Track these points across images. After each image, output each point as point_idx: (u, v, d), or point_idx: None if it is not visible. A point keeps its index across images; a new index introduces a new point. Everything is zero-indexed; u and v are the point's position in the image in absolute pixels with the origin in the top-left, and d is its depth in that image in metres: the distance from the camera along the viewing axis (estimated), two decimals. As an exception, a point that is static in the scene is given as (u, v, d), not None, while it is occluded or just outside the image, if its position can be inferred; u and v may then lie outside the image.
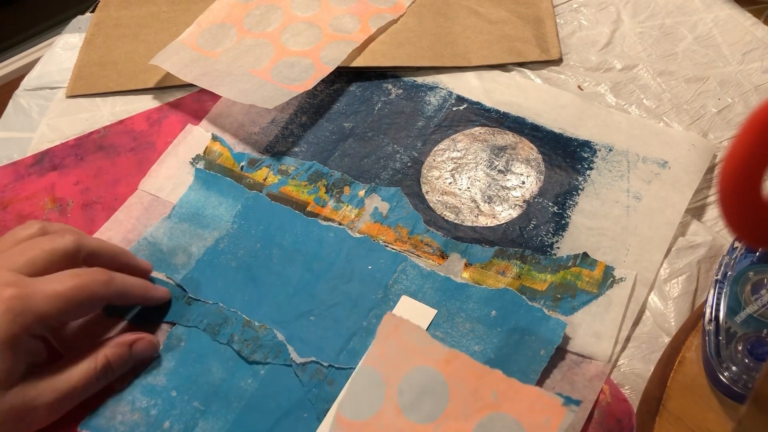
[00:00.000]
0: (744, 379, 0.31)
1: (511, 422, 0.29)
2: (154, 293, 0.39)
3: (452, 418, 0.29)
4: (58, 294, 0.33)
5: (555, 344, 0.37)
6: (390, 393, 0.30)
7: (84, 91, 0.54)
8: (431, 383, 0.30)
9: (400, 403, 0.30)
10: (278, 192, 0.46)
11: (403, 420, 0.30)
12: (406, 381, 0.31)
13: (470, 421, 0.29)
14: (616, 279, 0.40)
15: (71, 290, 0.33)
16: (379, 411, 0.30)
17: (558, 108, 0.48)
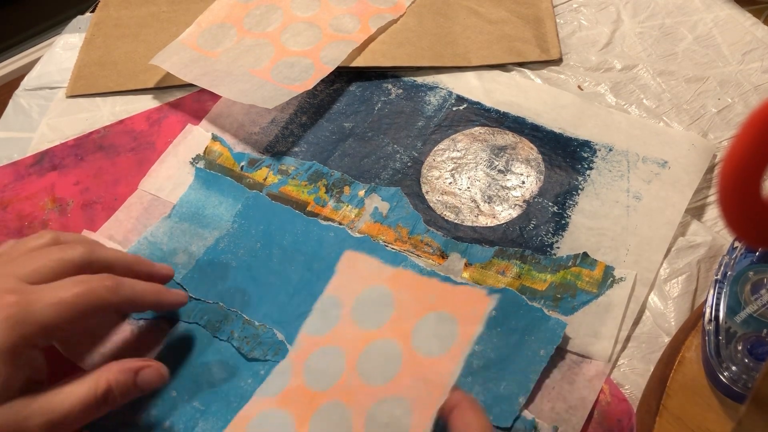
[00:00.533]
0: (744, 379, 0.31)
1: (446, 316, 0.33)
2: (168, 298, 0.37)
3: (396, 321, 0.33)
4: (62, 301, 0.31)
5: (555, 344, 0.37)
6: (345, 311, 0.35)
7: (84, 91, 0.55)
8: (379, 297, 0.34)
9: (353, 317, 0.34)
10: (278, 192, 0.46)
11: (357, 329, 0.34)
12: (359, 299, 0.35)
13: (412, 320, 0.33)
14: (616, 279, 0.40)
15: (75, 297, 0.31)
16: (336, 326, 0.34)
17: (558, 108, 0.48)
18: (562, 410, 0.35)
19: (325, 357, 0.33)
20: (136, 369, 0.33)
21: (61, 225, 0.46)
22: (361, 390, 0.31)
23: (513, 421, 0.35)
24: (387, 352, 0.33)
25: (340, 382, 0.32)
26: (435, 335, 0.33)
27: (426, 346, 0.32)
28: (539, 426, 0.35)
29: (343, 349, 0.33)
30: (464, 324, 0.33)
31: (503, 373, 0.36)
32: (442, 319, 0.33)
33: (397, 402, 0.31)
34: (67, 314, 0.31)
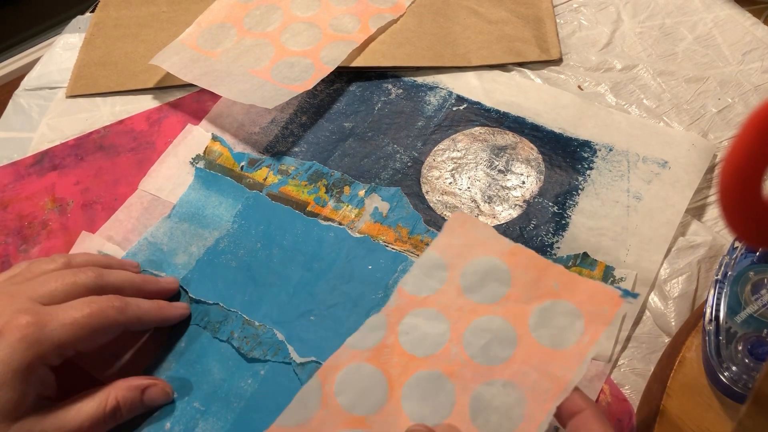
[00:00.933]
0: (744, 379, 0.31)
1: (570, 309, 0.30)
2: (171, 313, 0.39)
3: (513, 301, 0.30)
4: (74, 321, 0.32)
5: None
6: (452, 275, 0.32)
7: (84, 91, 0.54)
8: (494, 270, 0.31)
9: (462, 284, 0.31)
10: (278, 192, 0.46)
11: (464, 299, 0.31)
12: (470, 267, 0.32)
13: (531, 304, 0.30)
14: (616, 279, 0.40)
15: (87, 317, 0.33)
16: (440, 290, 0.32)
17: (558, 108, 0.48)
18: (563, 410, 0.35)
19: (426, 320, 0.31)
20: (143, 387, 0.35)
21: (61, 225, 0.46)
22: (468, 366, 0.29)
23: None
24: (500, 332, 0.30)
25: (443, 352, 0.30)
26: (556, 326, 0.30)
27: (547, 336, 0.30)
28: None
29: (447, 317, 0.31)
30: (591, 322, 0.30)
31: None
32: (566, 312, 0.30)
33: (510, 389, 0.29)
34: (80, 333, 0.32)
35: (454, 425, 0.28)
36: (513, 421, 0.28)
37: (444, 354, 0.30)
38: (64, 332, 0.32)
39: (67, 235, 0.46)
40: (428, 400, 0.29)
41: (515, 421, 0.28)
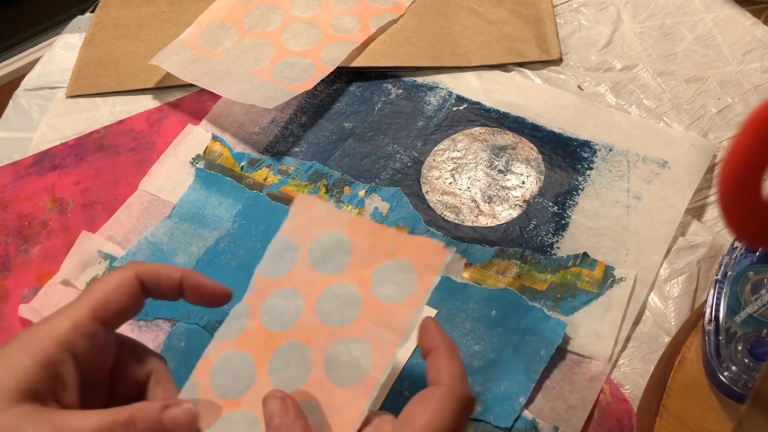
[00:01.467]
0: (744, 379, 0.31)
1: (404, 265, 0.34)
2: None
3: (355, 267, 0.34)
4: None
5: (555, 344, 0.37)
6: (302, 254, 0.35)
7: (84, 91, 0.55)
8: (337, 243, 0.35)
9: (310, 260, 0.35)
10: (278, 192, 0.46)
11: (314, 273, 0.35)
12: (316, 243, 0.35)
13: (371, 267, 0.34)
14: (616, 279, 0.40)
15: None
16: (292, 269, 0.35)
17: (558, 108, 0.48)
18: (563, 410, 0.35)
19: (283, 299, 0.34)
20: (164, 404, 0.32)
21: (61, 225, 0.46)
22: (321, 330, 0.33)
23: (513, 421, 0.35)
24: (345, 296, 0.34)
25: (299, 323, 0.33)
26: (393, 282, 0.34)
27: (385, 293, 0.34)
28: (539, 426, 0.35)
29: (300, 292, 0.35)
30: (422, 273, 0.34)
31: (504, 373, 0.36)
32: (400, 268, 0.34)
33: (356, 344, 0.32)
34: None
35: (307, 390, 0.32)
36: (362, 369, 0.32)
37: (300, 325, 0.33)
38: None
39: (67, 235, 0.46)
40: (289, 367, 0.33)
41: (363, 369, 0.32)
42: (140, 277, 0.32)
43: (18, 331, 0.42)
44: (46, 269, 0.44)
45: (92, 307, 0.31)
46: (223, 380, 0.33)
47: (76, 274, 0.43)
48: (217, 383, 0.33)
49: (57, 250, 0.45)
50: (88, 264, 0.43)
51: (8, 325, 0.42)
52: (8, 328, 0.42)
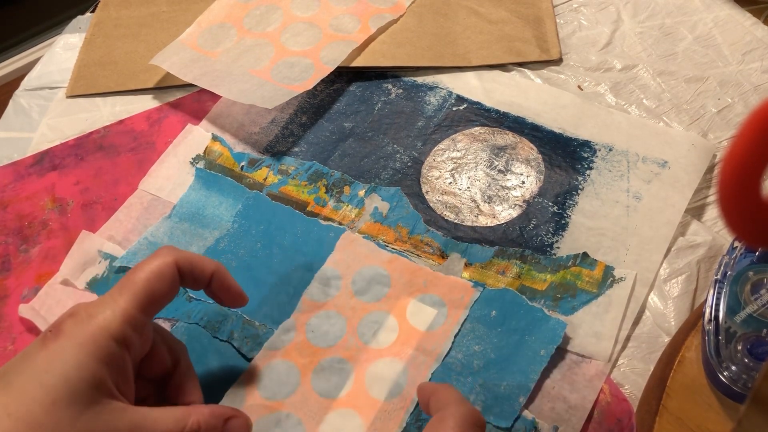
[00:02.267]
0: (744, 379, 0.31)
1: (436, 299, 0.39)
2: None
3: (393, 298, 0.40)
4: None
5: (555, 344, 0.37)
6: (345, 283, 0.41)
7: (84, 91, 0.55)
8: (377, 275, 0.41)
9: (353, 289, 0.40)
10: (278, 192, 0.46)
11: (356, 300, 0.40)
12: (358, 274, 0.41)
13: (407, 299, 0.39)
14: (616, 279, 0.40)
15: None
16: (337, 295, 0.40)
17: (558, 108, 0.48)
18: (562, 410, 0.35)
19: (327, 320, 0.39)
20: (226, 416, 0.33)
21: (61, 225, 0.46)
22: (362, 350, 0.38)
23: (513, 421, 0.35)
24: (384, 322, 0.39)
25: (342, 342, 0.38)
26: (427, 314, 0.39)
27: (419, 322, 0.39)
28: (539, 426, 0.35)
29: (343, 315, 0.39)
30: (452, 307, 0.39)
31: (503, 373, 0.36)
32: (433, 302, 0.39)
33: (395, 363, 0.37)
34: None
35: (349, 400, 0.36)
36: (400, 386, 0.36)
37: (342, 343, 0.38)
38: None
39: (67, 235, 0.46)
40: (332, 378, 0.37)
41: (401, 386, 0.36)
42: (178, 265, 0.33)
43: (17, 331, 0.42)
44: (46, 269, 0.44)
45: (137, 298, 0.31)
46: (269, 384, 0.37)
47: (76, 274, 0.43)
48: (264, 386, 0.37)
49: (57, 250, 0.45)
50: (88, 264, 0.43)
51: (8, 325, 0.42)
52: (8, 327, 0.42)
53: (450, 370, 0.37)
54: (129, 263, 0.43)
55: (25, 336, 0.42)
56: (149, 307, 0.32)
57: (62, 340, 0.29)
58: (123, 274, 0.42)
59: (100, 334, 0.30)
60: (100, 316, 0.30)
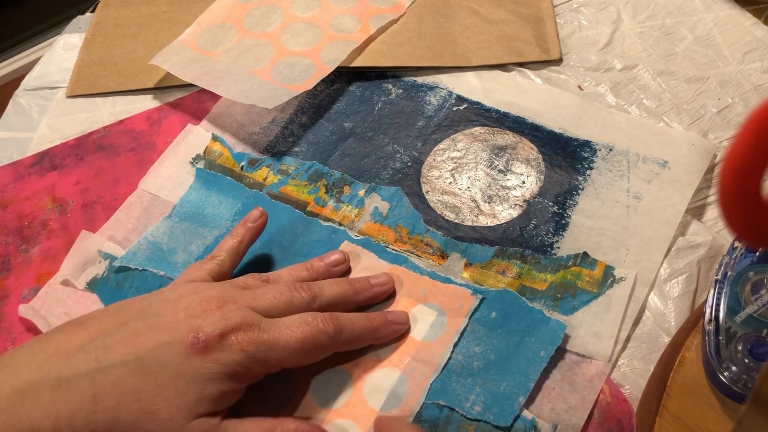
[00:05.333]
0: (744, 379, 0.31)
1: (436, 308, 0.39)
2: (384, 333, 0.38)
3: (392, 307, 0.40)
4: (287, 345, 0.34)
5: (555, 345, 0.37)
6: None
7: (84, 91, 0.55)
8: None
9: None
10: (278, 192, 0.46)
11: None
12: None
13: (407, 309, 0.39)
14: (616, 278, 0.40)
15: (300, 342, 0.34)
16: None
17: (558, 108, 0.48)
18: (562, 410, 0.35)
19: None
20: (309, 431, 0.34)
21: (61, 225, 0.46)
22: (361, 360, 0.38)
23: (513, 421, 0.35)
24: None
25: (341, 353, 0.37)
26: (427, 323, 0.39)
27: (419, 331, 0.38)
28: (539, 426, 0.35)
29: None
30: (452, 316, 0.39)
31: (503, 374, 0.36)
32: (433, 311, 0.39)
33: (394, 374, 0.37)
34: (289, 356, 0.34)
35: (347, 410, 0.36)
36: (399, 397, 0.36)
37: (341, 354, 0.37)
38: (277, 355, 0.33)
39: (67, 235, 0.46)
40: (330, 389, 0.37)
41: (401, 396, 0.36)
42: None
43: (17, 330, 0.42)
44: (46, 269, 0.44)
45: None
46: (268, 395, 0.37)
47: (76, 274, 0.43)
48: (263, 397, 0.37)
49: (57, 250, 0.45)
50: (88, 264, 0.43)
51: (8, 325, 0.42)
52: (8, 327, 0.42)
53: (450, 371, 0.37)
54: (129, 263, 0.43)
55: (25, 336, 0.42)
56: None
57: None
58: (123, 274, 0.42)
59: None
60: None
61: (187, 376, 0.32)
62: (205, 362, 0.32)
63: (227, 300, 0.34)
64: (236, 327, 0.33)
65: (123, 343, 0.32)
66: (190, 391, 0.31)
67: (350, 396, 0.36)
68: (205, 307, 0.34)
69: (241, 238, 0.41)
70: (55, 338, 0.33)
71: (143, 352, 0.32)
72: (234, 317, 0.33)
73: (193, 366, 0.32)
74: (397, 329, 0.38)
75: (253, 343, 0.33)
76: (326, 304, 0.37)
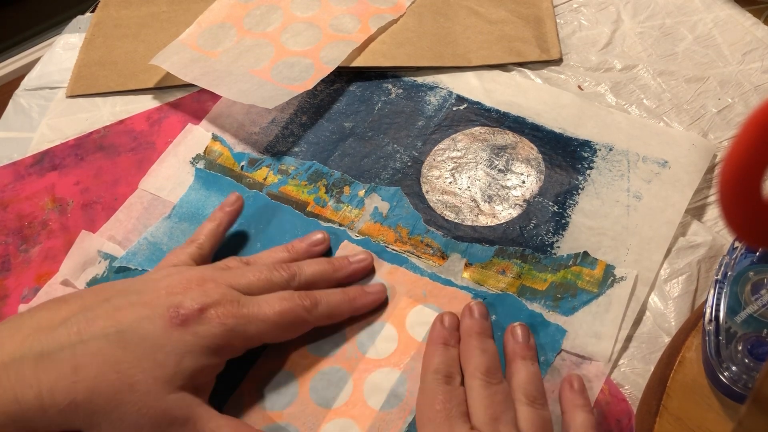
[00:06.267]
0: (744, 379, 0.31)
1: (436, 309, 0.39)
2: (362, 304, 0.39)
3: (392, 308, 0.40)
4: (266, 318, 0.35)
5: (555, 352, 0.37)
6: None
7: (84, 91, 0.54)
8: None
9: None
10: (278, 192, 0.46)
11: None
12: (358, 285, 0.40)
13: (406, 309, 0.39)
14: (616, 278, 0.40)
15: (278, 315, 0.35)
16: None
17: (558, 108, 0.48)
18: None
19: (326, 329, 0.39)
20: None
21: (61, 225, 0.46)
22: (361, 360, 0.38)
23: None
24: (384, 332, 0.39)
25: (341, 351, 0.38)
26: (427, 323, 0.39)
27: (419, 331, 0.38)
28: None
29: (344, 324, 0.39)
30: None
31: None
32: (433, 311, 0.39)
33: (394, 373, 0.37)
34: (268, 330, 0.35)
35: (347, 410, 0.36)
36: (399, 396, 0.36)
37: (342, 353, 0.38)
38: (256, 328, 0.35)
39: (67, 235, 0.46)
40: (330, 388, 0.37)
41: (400, 396, 0.36)
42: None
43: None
44: (46, 269, 0.44)
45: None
46: (268, 394, 0.37)
47: (76, 274, 0.43)
48: (263, 396, 0.37)
49: (57, 250, 0.45)
50: (88, 264, 0.43)
51: (8, 325, 0.42)
52: (8, 328, 0.42)
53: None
54: (129, 263, 0.43)
55: (25, 336, 0.42)
56: None
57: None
58: (123, 274, 0.42)
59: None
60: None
61: (166, 348, 0.32)
62: (185, 335, 0.33)
63: (207, 279, 0.36)
64: (215, 302, 0.34)
65: (104, 317, 0.33)
66: (169, 364, 0.32)
67: (350, 395, 0.37)
68: (186, 286, 0.35)
69: (219, 221, 0.42)
70: (38, 314, 0.34)
71: (124, 326, 0.33)
72: (214, 293, 0.34)
73: (172, 339, 0.33)
74: (374, 298, 0.39)
75: (233, 316, 0.34)
76: (305, 282, 0.38)
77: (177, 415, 0.32)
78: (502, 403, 0.33)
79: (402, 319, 0.39)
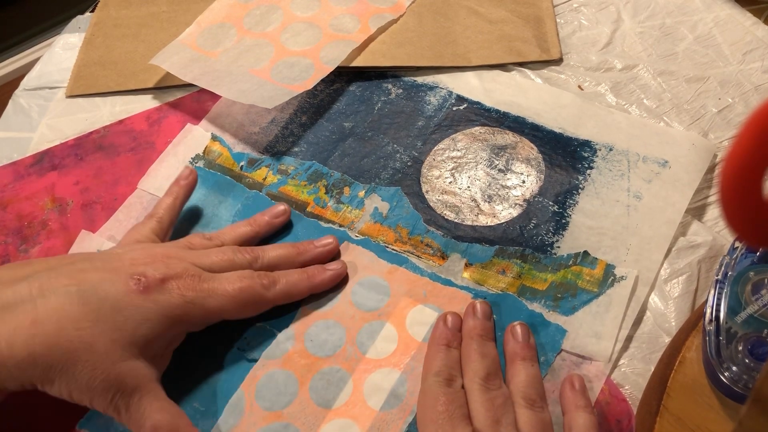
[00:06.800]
0: (744, 379, 0.31)
1: (436, 309, 0.39)
2: (320, 281, 0.40)
3: (392, 308, 0.40)
4: (225, 293, 0.36)
5: (555, 352, 0.37)
6: (345, 293, 0.41)
7: (84, 91, 0.54)
8: (376, 286, 0.41)
9: (352, 299, 0.40)
10: (278, 192, 0.46)
11: (355, 309, 0.40)
12: (358, 285, 0.41)
13: (406, 309, 0.39)
14: (617, 277, 0.40)
15: (237, 291, 0.36)
16: (335, 305, 0.40)
17: (558, 108, 0.48)
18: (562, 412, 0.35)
19: (326, 329, 0.39)
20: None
21: (60, 225, 0.46)
22: (361, 360, 0.38)
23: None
24: (384, 332, 0.39)
25: (341, 351, 0.38)
26: (427, 323, 0.39)
27: (419, 332, 0.38)
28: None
29: (343, 325, 0.39)
30: None
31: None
32: (433, 312, 0.39)
33: (394, 373, 0.37)
34: (227, 305, 0.36)
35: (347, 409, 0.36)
36: (399, 397, 0.36)
37: (342, 353, 0.38)
38: (215, 302, 0.36)
39: (67, 235, 0.46)
40: (330, 388, 0.37)
41: (401, 396, 0.36)
42: None
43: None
44: (45, 269, 0.44)
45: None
46: (268, 395, 0.37)
47: (75, 274, 0.43)
48: (263, 396, 0.37)
49: (57, 250, 0.45)
50: (87, 264, 0.43)
51: (8, 325, 0.42)
52: (8, 328, 0.42)
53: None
54: (129, 263, 0.43)
55: (24, 336, 0.41)
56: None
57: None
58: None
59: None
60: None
61: (126, 312, 0.33)
62: (145, 302, 0.34)
63: (172, 255, 0.37)
64: (177, 275, 0.35)
65: (67, 275, 0.34)
66: (127, 328, 0.33)
67: (350, 396, 0.37)
68: (151, 259, 0.36)
69: (176, 195, 0.43)
70: (1, 272, 0.34)
71: (86, 286, 0.33)
72: (176, 267, 0.36)
73: (132, 303, 0.33)
74: (333, 275, 0.40)
75: (193, 289, 0.35)
76: (268, 264, 0.39)
77: (128, 383, 0.32)
78: (502, 406, 0.34)
79: (402, 319, 0.39)
